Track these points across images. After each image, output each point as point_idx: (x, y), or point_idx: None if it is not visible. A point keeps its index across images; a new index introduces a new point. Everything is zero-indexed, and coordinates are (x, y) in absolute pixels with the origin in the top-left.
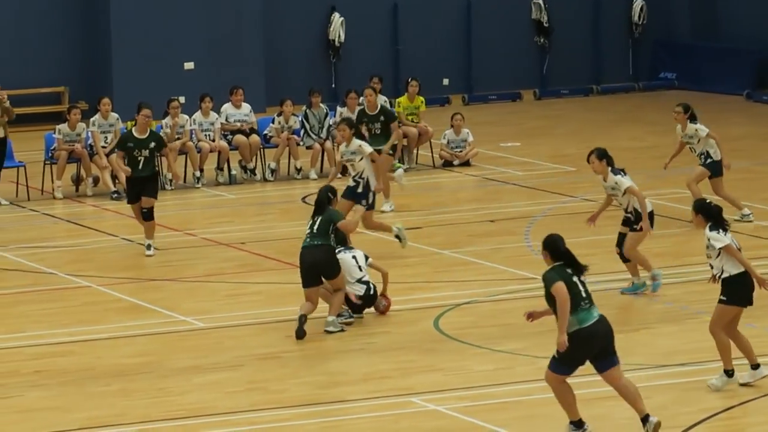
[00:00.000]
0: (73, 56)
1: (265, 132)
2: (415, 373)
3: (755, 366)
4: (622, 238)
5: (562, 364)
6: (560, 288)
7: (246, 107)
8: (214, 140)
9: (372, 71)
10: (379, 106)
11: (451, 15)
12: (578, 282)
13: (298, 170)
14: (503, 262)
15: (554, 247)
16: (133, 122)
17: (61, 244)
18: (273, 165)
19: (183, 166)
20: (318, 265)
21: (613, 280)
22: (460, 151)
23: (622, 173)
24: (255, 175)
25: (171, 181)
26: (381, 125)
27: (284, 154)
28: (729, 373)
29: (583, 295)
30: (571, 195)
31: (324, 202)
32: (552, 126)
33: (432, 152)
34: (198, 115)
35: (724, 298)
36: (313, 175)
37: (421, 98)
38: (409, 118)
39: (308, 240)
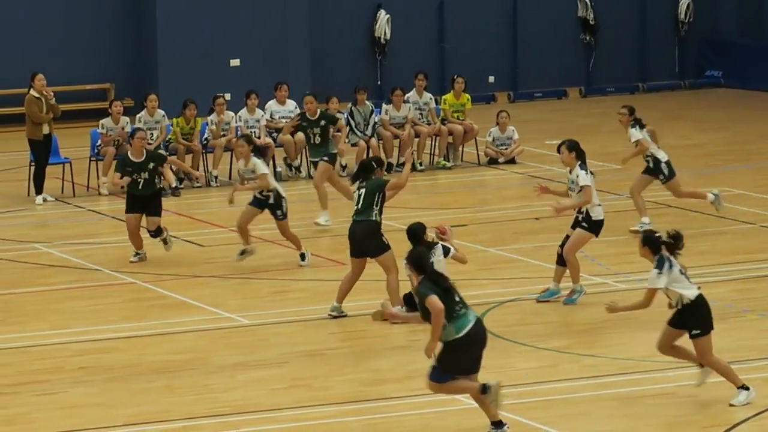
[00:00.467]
0: (120, 53)
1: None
2: None
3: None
4: (567, 239)
5: (446, 373)
6: (434, 301)
7: (291, 103)
8: (259, 137)
9: (417, 68)
10: (318, 112)
11: (497, 12)
12: (449, 289)
13: (343, 167)
14: (548, 260)
15: (419, 263)
16: (180, 118)
17: (107, 240)
18: None
19: (228, 163)
20: (358, 242)
21: None
22: (506, 149)
23: (587, 172)
24: (300, 172)
25: (216, 177)
26: (321, 130)
27: None
28: (744, 387)
29: (456, 300)
30: (616, 193)
31: (368, 167)
32: (598, 124)
33: (477, 150)
34: (243, 112)
35: (698, 332)
36: None
37: (467, 95)
38: (455, 115)
39: (354, 215)
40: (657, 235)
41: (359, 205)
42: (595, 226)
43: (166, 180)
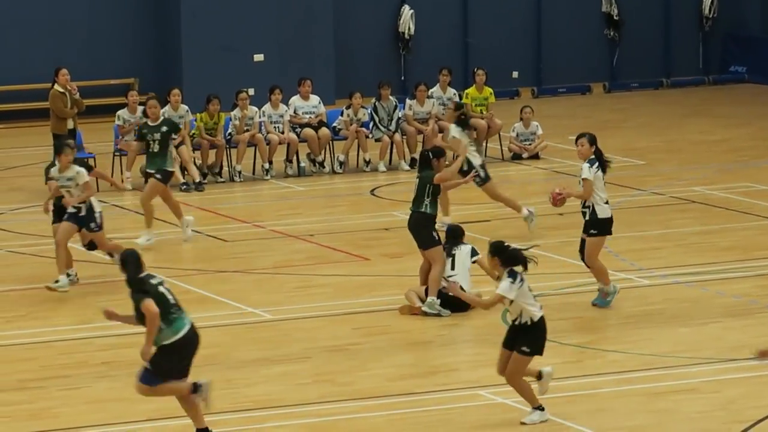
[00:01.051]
0: (144, 48)
1: (334, 124)
2: (482, 365)
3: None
4: (584, 244)
5: (156, 376)
6: (149, 305)
7: (314, 98)
8: (283, 132)
9: (441, 63)
10: (162, 118)
11: (521, 7)
12: (165, 291)
13: (367, 163)
14: (572, 256)
15: (124, 267)
16: (204, 113)
17: (130, 235)
18: (342, 157)
19: (252, 158)
20: (410, 232)
21: (682, 273)
22: (530, 144)
23: (590, 165)
24: (324, 167)
25: (240, 173)
26: (161, 137)
27: (353, 147)
28: (539, 407)
29: (172, 302)
30: (640, 188)
31: (424, 159)
32: (622, 119)
33: (501, 145)
34: (267, 107)
35: (528, 351)
36: (381, 167)
37: (490, 89)
38: (477, 109)
39: (410, 206)
40: (506, 245)
41: (413, 195)
42: (603, 226)
43: (189, 175)
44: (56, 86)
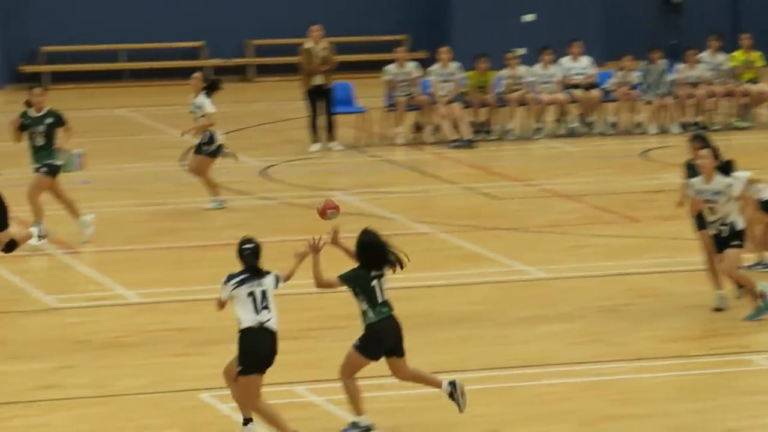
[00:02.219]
0: (416, 5)
1: (605, 86)
2: (758, 332)
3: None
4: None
5: None
6: None
7: (585, 60)
8: (553, 92)
9: (711, 28)
10: (46, 109)
11: None
12: None
13: (638, 125)
14: None
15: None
16: (474, 72)
17: (402, 189)
18: (613, 119)
19: (522, 117)
20: None
21: None
22: None
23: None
24: (594, 128)
25: (510, 131)
26: (45, 129)
27: (624, 109)
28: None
29: None
30: None
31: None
32: None
33: None
34: (538, 68)
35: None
36: (652, 130)
37: (759, 53)
38: (747, 74)
39: None
40: (247, 245)
41: None
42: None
43: (461, 132)
44: (306, 42)
